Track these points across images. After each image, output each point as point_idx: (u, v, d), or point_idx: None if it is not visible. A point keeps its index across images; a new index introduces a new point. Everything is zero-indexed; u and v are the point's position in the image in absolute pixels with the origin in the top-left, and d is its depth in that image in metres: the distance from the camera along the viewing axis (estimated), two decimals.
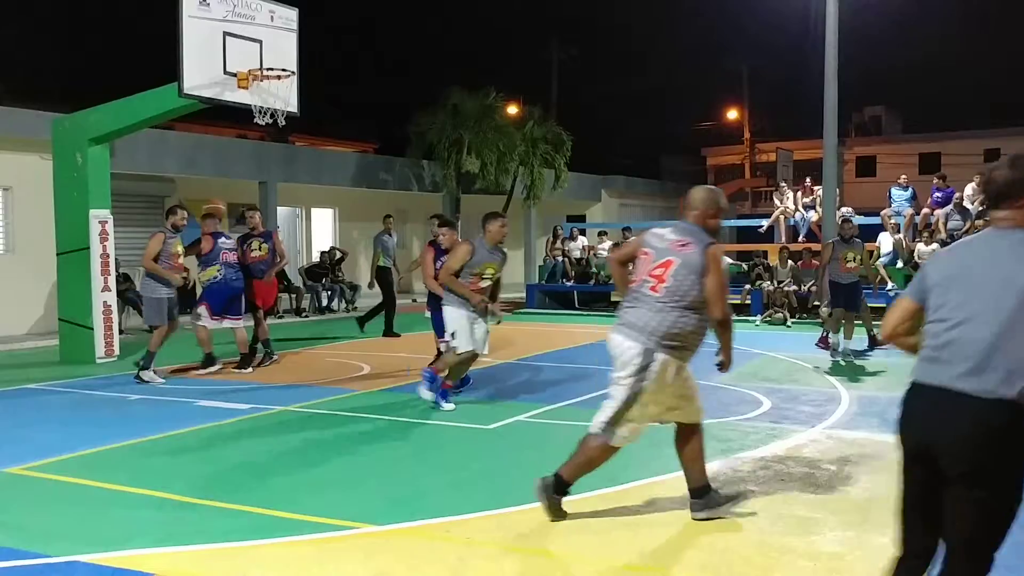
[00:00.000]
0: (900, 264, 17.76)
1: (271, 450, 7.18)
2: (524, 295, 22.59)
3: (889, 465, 6.50)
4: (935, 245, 17.29)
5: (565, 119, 27.72)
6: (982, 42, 53.77)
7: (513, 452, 7.15)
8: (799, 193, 21.22)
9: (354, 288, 21.31)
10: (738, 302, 18.38)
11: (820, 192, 19.51)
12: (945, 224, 17.97)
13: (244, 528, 5.20)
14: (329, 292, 20.31)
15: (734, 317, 5.32)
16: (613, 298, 20.80)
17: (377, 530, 5.15)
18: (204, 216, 11.37)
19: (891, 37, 56.33)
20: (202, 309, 10.95)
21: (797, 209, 20.67)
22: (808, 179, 21.37)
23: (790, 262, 18.03)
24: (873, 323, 12.62)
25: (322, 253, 21.20)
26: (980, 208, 17.66)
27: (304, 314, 19.13)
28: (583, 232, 23.64)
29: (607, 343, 5.19)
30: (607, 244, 21.73)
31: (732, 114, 43.44)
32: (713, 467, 6.46)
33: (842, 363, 11.70)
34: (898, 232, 18.18)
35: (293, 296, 19.43)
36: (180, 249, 10.67)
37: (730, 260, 19.68)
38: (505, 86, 24.42)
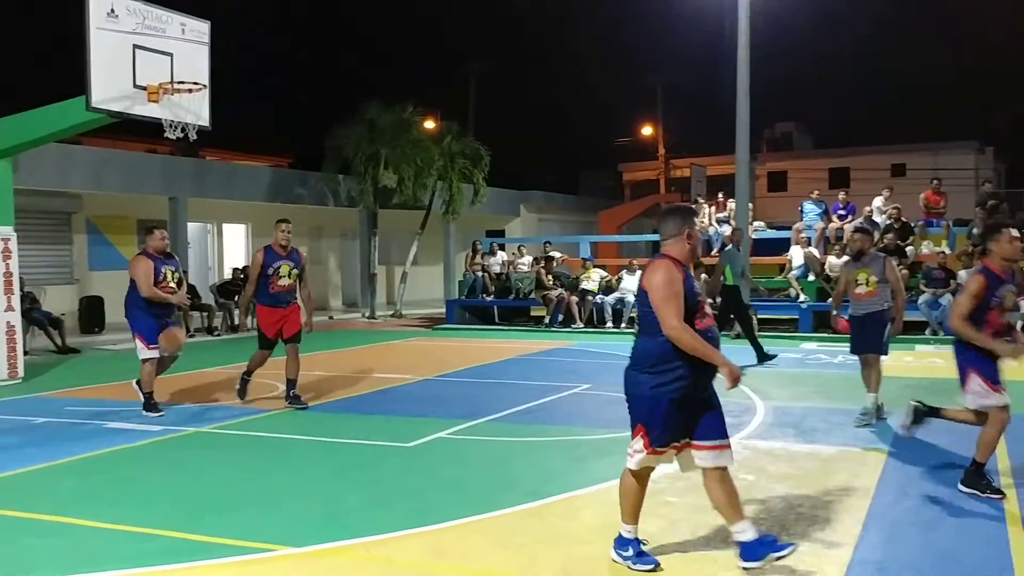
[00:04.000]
0: (812, 277, 18.21)
1: (184, 472, 6.98)
2: (444, 310, 22.52)
3: (805, 474, 6.64)
4: (846, 258, 17.76)
5: (484, 134, 27.78)
6: (888, 61, 55.71)
7: (433, 469, 7.08)
8: (713, 208, 21.64)
9: None
10: None
11: (733, 206, 19.90)
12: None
13: (156, 552, 5.03)
14: None
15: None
16: (533, 313, 20.90)
17: (296, 552, 5.03)
18: None
19: (801, 55, 58.00)
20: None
21: (711, 224, 21.08)
22: (720, 194, 21.82)
23: (703, 276, 18.34)
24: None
25: (235, 270, 20.79)
26: (888, 222, 18.27)
27: (216, 332, 18.72)
28: (502, 247, 23.67)
29: None
30: (527, 259, 21.80)
31: (647, 130, 44.10)
32: None
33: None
34: (809, 245, 18.66)
35: (204, 314, 19.04)
36: None
37: None
38: (422, 100, 24.38)
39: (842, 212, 19.40)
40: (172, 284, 9.39)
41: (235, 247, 24.47)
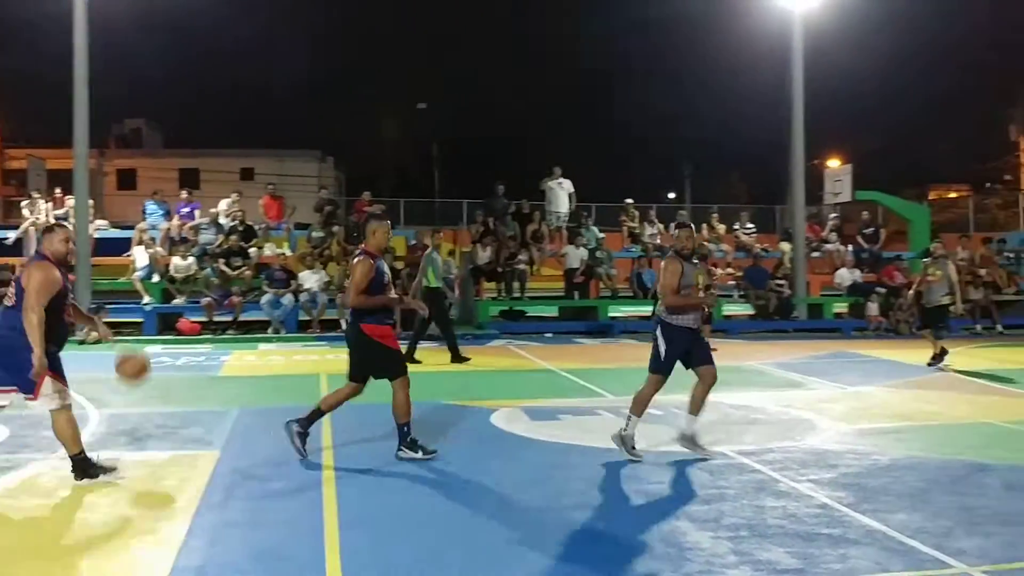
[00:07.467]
0: (156, 278, 17.80)
1: None
2: None
3: (134, 484, 6.35)
4: (192, 259, 17.72)
5: None
6: (245, 64, 57.12)
7: None
8: (51, 204, 20.13)
9: None
10: None
11: (72, 203, 18.71)
12: (196, 237, 18.67)
13: None
14: None
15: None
16: None
17: None
18: None
19: (144, 52, 56.77)
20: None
21: (48, 220, 19.55)
22: (59, 189, 20.43)
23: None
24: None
25: None
26: (232, 223, 18.67)
27: None
28: None
29: None
30: None
31: None
32: None
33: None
34: (154, 246, 18.23)
35: None
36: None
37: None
38: None
39: (186, 211, 19.41)
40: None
41: None
